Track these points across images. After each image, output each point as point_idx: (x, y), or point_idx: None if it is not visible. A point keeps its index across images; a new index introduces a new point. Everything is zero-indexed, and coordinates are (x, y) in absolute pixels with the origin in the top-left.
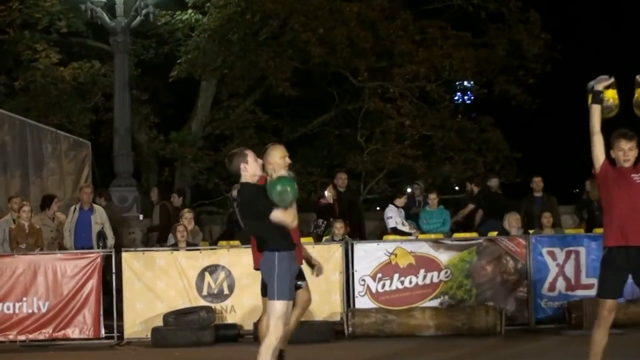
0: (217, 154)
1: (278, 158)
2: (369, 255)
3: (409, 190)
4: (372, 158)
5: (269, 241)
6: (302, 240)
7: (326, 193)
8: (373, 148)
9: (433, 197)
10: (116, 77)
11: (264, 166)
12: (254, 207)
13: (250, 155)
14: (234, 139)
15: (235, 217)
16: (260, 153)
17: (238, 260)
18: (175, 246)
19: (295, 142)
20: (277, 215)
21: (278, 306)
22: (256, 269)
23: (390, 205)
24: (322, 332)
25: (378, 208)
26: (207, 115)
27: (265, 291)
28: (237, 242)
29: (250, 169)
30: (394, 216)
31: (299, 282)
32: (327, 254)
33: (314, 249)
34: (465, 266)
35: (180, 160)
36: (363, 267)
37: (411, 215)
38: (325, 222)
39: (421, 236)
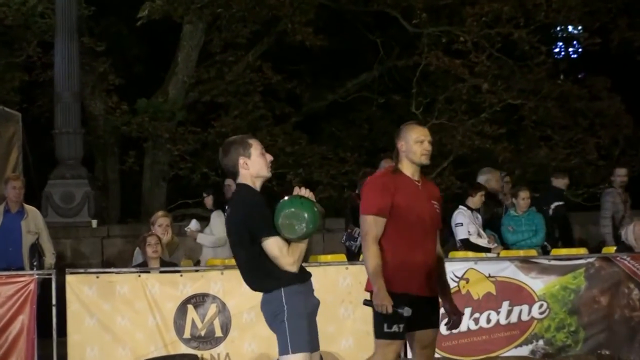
0: (207, 132)
1: (412, 142)
2: None
3: None
4: (434, 138)
5: (266, 276)
6: (331, 258)
7: None
8: (434, 123)
9: (524, 196)
10: (58, 19)
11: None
12: (247, 224)
13: (256, 147)
14: (231, 109)
15: None
16: (268, 133)
17: (237, 286)
18: (144, 266)
19: (321, 114)
20: (272, 245)
21: None
22: None
23: (459, 207)
24: None
25: None
26: (192, 75)
27: None
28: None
29: (253, 167)
30: (465, 223)
31: (401, 310)
32: (366, 277)
33: (347, 271)
34: (568, 297)
35: (153, 140)
36: None
37: (490, 221)
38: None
39: (504, 253)
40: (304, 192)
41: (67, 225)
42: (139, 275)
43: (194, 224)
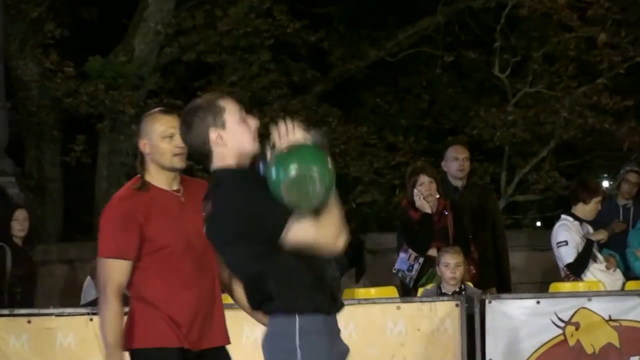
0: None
1: (158, 138)
2: (520, 324)
3: (605, 184)
4: (526, 115)
5: (279, 294)
6: (376, 292)
7: (417, 192)
8: (527, 92)
9: None
10: None
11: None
12: (243, 223)
13: (232, 110)
14: (227, 72)
15: None
16: (281, 107)
17: (236, 333)
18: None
19: (360, 79)
20: (300, 232)
21: None
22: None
23: (562, 217)
24: None
25: (539, 224)
26: (170, 23)
27: None
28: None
29: (231, 140)
30: (570, 241)
31: None
32: (428, 322)
33: (399, 312)
34: None
35: (111, 118)
36: (508, 351)
37: (612, 238)
38: (420, 256)
39: (632, 284)
40: (285, 134)
41: None
42: (91, 319)
43: None
